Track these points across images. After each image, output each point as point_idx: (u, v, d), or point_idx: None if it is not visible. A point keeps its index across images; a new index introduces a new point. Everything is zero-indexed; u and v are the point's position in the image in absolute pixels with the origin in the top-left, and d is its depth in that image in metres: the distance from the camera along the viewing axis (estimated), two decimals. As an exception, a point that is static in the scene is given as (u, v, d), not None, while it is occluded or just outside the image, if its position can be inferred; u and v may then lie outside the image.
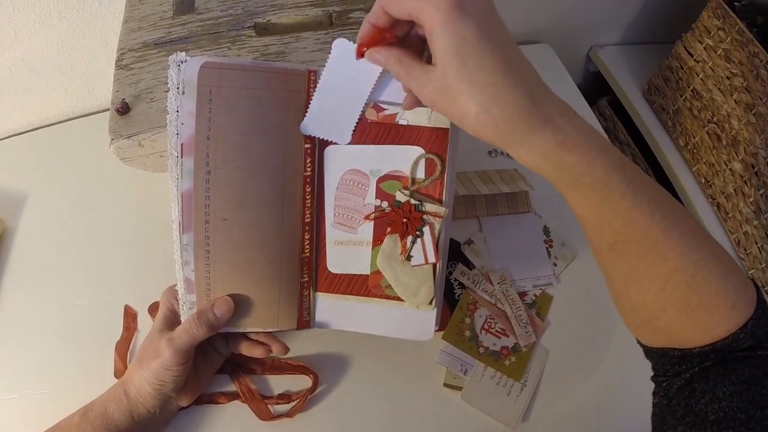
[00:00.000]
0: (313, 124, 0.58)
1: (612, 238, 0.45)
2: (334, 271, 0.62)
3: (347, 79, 0.55)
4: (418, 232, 0.58)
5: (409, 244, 0.58)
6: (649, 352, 0.49)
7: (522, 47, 0.44)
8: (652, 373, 0.51)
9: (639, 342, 0.51)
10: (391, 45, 0.47)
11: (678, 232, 0.43)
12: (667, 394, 0.46)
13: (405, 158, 0.57)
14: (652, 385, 0.61)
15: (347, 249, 0.61)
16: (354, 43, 0.50)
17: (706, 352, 0.44)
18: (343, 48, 0.53)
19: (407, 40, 0.48)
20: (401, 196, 0.58)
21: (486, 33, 0.40)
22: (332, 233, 0.61)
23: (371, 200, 0.59)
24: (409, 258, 0.58)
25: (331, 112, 0.57)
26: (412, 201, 0.57)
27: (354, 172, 0.59)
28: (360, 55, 0.49)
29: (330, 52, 0.54)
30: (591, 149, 0.42)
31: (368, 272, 0.61)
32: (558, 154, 0.41)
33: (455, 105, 0.42)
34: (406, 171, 0.58)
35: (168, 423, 0.65)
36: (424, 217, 0.57)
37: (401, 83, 0.48)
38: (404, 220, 0.58)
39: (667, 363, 0.47)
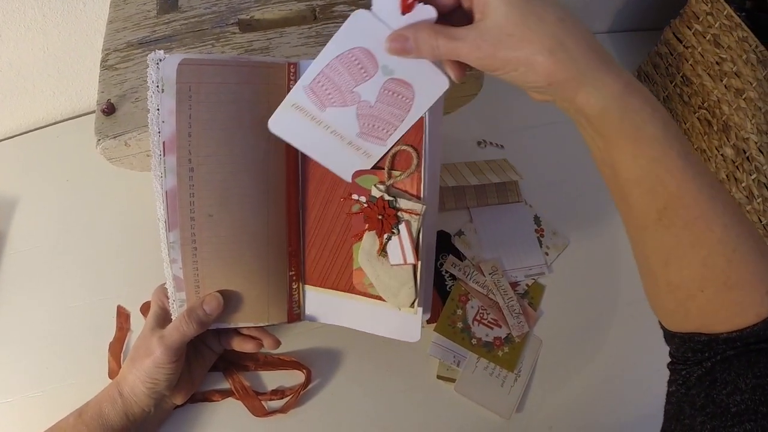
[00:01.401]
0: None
1: (664, 203, 0.42)
2: (272, 130, 0.55)
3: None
4: (393, 230, 0.55)
5: (386, 242, 0.56)
6: (672, 337, 0.47)
7: None
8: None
9: (662, 326, 0.48)
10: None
11: (722, 203, 0.41)
12: (686, 382, 0.44)
13: (423, 73, 0.49)
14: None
15: (302, 119, 0.54)
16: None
17: (732, 339, 0.42)
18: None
19: None
20: (376, 192, 0.55)
21: None
22: (298, 95, 0.53)
23: (361, 91, 0.51)
24: (388, 256, 0.56)
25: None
26: (386, 197, 0.55)
27: (366, 53, 0.49)
28: (407, 8, 0.44)
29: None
30: (651, 96, 0.41)
31: (309, 153, 0.56)
32: (626, 95, 0.40)
33: (522, 47, 0.40)
34: (414, 83, 0.50)
35: (163, 422, 0.65)
36: (399, 214, 0.55)
37: (441, 56, 0.44)
38: (379, 216, 0.55)
39: (689, 350, 0.45)
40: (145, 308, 0.72)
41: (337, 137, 0.54)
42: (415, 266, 0.56)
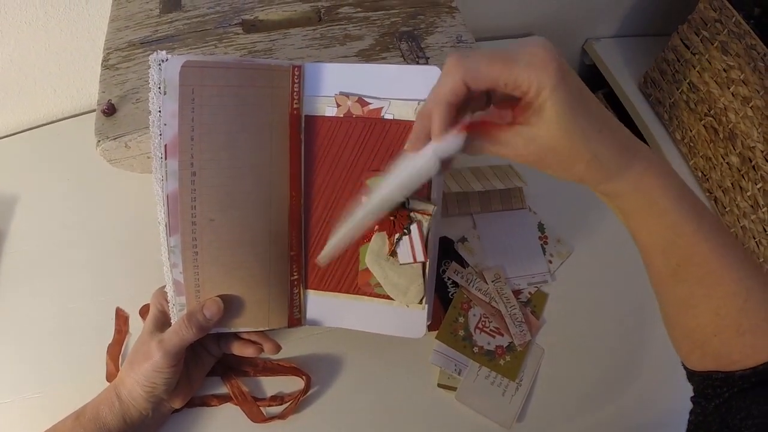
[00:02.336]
0: None
1: (677, 261, 0.47)
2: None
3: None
4: (405, 230, 0.57)
5: (396, 242, 0.57)
6: (692, 375, 0.51)
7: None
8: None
9: (684, 366, 0.52)
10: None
11: (733, 258, 0.45)
12: (704, 411, 0.47)
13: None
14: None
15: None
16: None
17: (747, 375, 0.45)
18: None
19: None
20: None
21: (582, 87, 0.44)
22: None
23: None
24: (394, 254, 0.58)
25: None
26: None
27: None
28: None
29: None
30: (665, 172, 0.45)
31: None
32: (644, 179, 0.45)
33: (564, 157, 0.44)
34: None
35: (160, 425, 0.64)
36: (411, 214, 0.57)
37: (480, 153, 0.46)
38: (391, 217, 0.57)
39: (709, 387, 0.48)
40: (144, 311, 0.71)
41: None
42: (424, 263, 0.58)
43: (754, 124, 0.88)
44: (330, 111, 0.57)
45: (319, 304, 0.62)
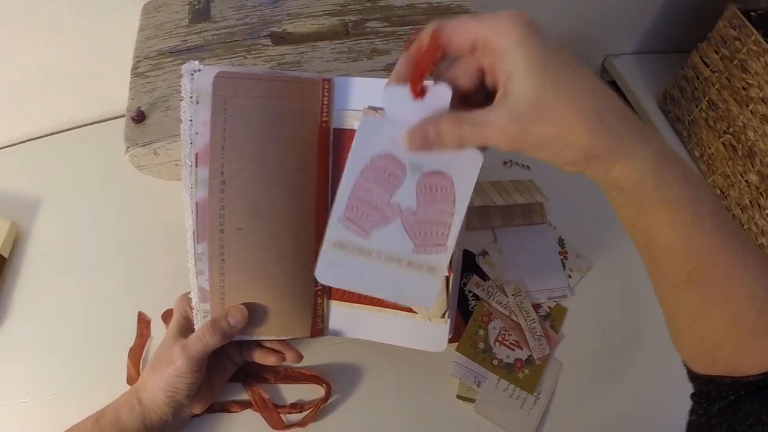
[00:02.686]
0: None
1: (696, 263, 0.42)
2: (318, 279, 0.50)
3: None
4: None
5: None
6: (696, 377, 0.47)
7: None
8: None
9: (686, 365, 0.49)
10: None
11: (752, 257, 0.42)
12: (707, 413, 0.44)
13: (453, 156, 0.46)
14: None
15: (349, 257, 0.49)
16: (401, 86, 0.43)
17: (757, 381, 0.42)
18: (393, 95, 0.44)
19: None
20: None
21: (558, 48, 0.39)
22: (336, 231, 0.48)
23: (400, 199, 0.47)
24: None
25: None
26: None
27: (389, 158, 0.46)
28: (418, 93, 0.42)
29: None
30: (681, 160, 0.40)
31: (373, 294, 0.54)
32: (661, 164, 0.39)
33: (555, 123, 0.38)
34: (448, 170, 0.46)
35: (180, 430, 0.64)
36: None
37: (467, 144, 0.42)
38: None
39: (713, 390, 0.45)
40: (166, 316, 0.72)
41: (393, 263, 0.49)
42: (447, 278, 0.57)
43: (774, 143, 0.88)
44: (358, 124, 0.57)
45: (341, 314, 0.62)
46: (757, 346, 0.42)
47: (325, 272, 0.49)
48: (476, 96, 0.44)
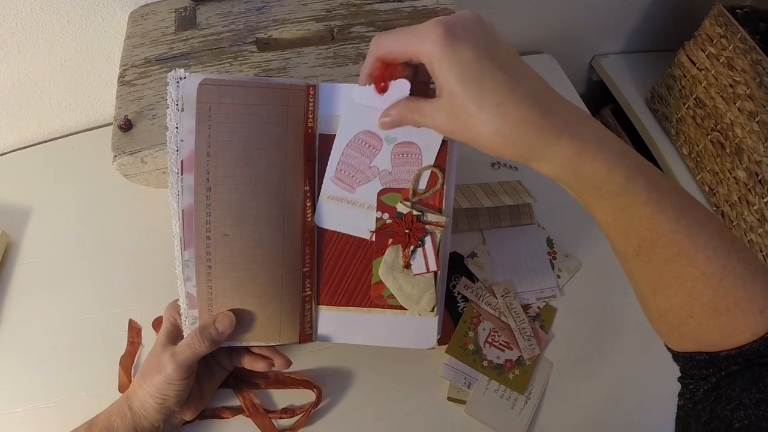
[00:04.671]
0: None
1: (638, 243, 0.45)
2: (321, 225, 0.61)
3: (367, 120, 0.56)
4: (420, 242, 0.59)
5: (411, 254, 0.59)
6: (677, 356, 0.49)
7: (525, 57, 0.45)
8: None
9: (666, 346, 0.50)
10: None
11: (704, 237, 0.43)
12: (693, 397, 0.45)
13: (410, 173, 0.58)
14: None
15: (341, 206, 0.60)
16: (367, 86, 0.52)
17: (733, 356, 0.43)
18: (361, 94, 0.54)
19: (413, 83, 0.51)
20: (402, 208, 0.58)
21: (483, 54, 0.43)
22: (329, 187, 0.59)
23: (378, 163, 0.58)
24: (410, 267, 0.60)
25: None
26: (414, 212, 0.58)
27: (369, 133, 0.57)
28: (381, 90, 0.51)
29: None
30: (611, 156, 0.42)
31: (359, 234, 0.61)
32: (577, 164, 0.42)
33: (468, 129, 0.44)
34: (407, 185, 0.58)
35: (172, 437, 0.64)
36: (426, 227, 0.59)
37: (419, 126, 0.50)
38: (406, 231, 0.59)
39: (694, 367, 0.46)
40: (156, 323, 0.72)
41: (373, 210, 0.60)
42: (436, 273, 0.60)
43: (761, 139, 0.89)
44: (343, 109, 0.57)
45: (330, 319, 0.63)
46: (720, 323, 0.43)
47: (321, 217, 0.60)
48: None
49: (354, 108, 0.56)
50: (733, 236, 0.44)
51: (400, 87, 0.51)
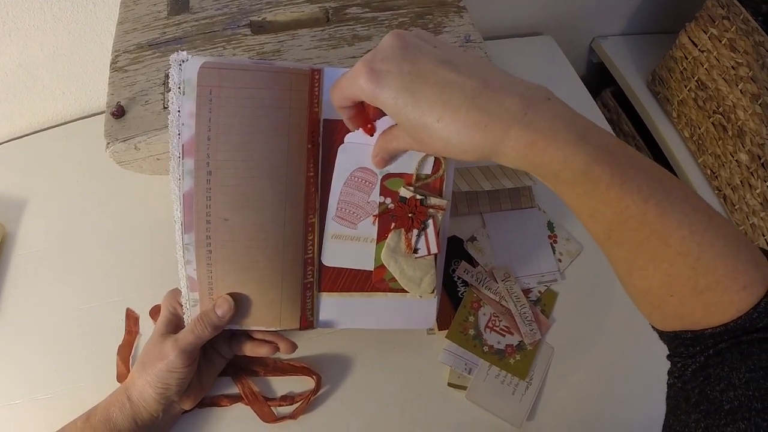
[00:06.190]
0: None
1: (607, 227, 0.44)
2: (327, 264, 0.61)
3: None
4: (422, 225, 0.59)
5: (414, 237, 0.60)
6: (662, 335, 0.48)
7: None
8: (662, 366, 0.50)
9: (651, 325, 0.50)
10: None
11: (678, 215, 0.41)
12: (682, 377, 0.45)
13: (411, 159, 0.58)
14: (659, 383, 0.60)
15: (345, 243, 0.61)
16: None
17: (719, 333, 0.42)
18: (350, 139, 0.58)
19: None
20: (406, 192, 0.59)
21: (408, 79, 0.44)
22: (331, 226, 0.60)
23: (375, 198, 0.59)
24: (416, 251, 0.60)
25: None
26: (417, 196, 0.58)
27: (363, 170, 0.59)
28: (370, 131, 0.55)
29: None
30: (566, 143, 0.41)
31: (365, 267, 0.61)
32: (530, 155, 0.42)
33: (428, 146, 0.47)
34: (410, 170, 0.59)
35: (171, 427, 0.64)
36: (429, 210, 0.59)
37: (400, 152, 0.56)
38: (410, 214, 0.59)
39: (680, 345, 0.45)
40: (154, 312, 0.72)
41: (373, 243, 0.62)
42: (436, 255, 0.61)
43: (763, 121, 0.88)
44: (339, 150, 0.58)
45: (332, 305, 0.62)
46: (702, 301, 0.42)
47: (328, 257, 0.61)
48: None
49: (346, 147, 0.58)
50: (712, 211, 0.43)
51: (386, 123, 0.54)
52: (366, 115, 0.53)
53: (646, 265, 0.44)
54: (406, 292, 0.62)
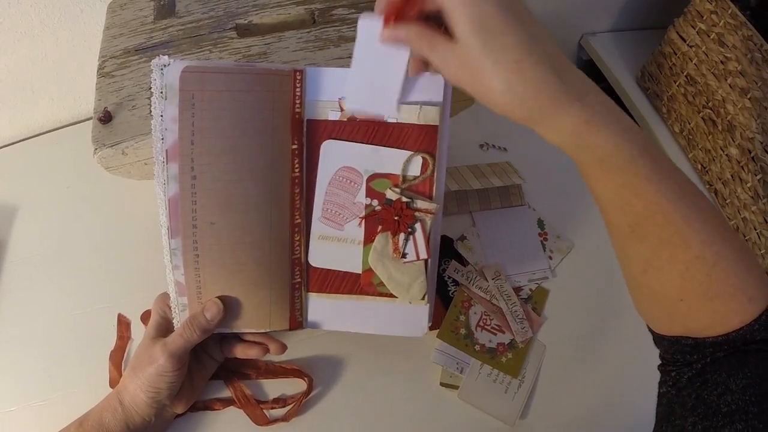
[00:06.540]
0: (356, 101, 0.57)
1: (634, 220, 0.44)
2: (314, 265, 0.61)
3: (380, 53, 0.52)
4: (409, 229, 0.58)
5: (401, 241, 0.59)
6: (661, 339, 0.49)
7: None
8: (654, 362, 0.50)
9: (650, 329, 0.50)
10: (411, 20, 0.47)
11: (701, 222, 0.43)
12: (677, 384, 0.45)
13: (399, 159, 0.58)
14: (651, 379, 0.61)
15: (332, 245, 0.60)
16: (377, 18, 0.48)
17: (719, 342, 0.43)
18: (369, 26, 0.50)
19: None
20: (392, 194, 0.58)
21: (506, 8, 0.41)
22: (318, 227, 0.60)
23: (361, 198, 0.59)
24: (404, 255, 0.59)
25: (371, 87, 0.56)
26: (404, 198, 0.58)
27: (348, 169, 0.58)
28: (389, 22, 0.48)
29: (356, 32, 0.52)
30: (618, 130, 0.42)
31: (352, 269, 0.61)
32: (583, 133, 0.42)
33: (479, 83, 0.43)
34: (397, 170, 0.58)
35: (164, 431, 0.64)
36: (416, 214, 0.58)
37: (422, 55, 0.48)
38: (396, 218, 0.58)
39: (678, 352, 0.46)
40: (145, 317, 0.72)
41: (362, 245, 0.60)
42: (426, 260, 0.59)
43: (753, 116, 0.88)
44: (333, 115, 0.57)
45: (320, 306, 0.62)
46: (711, 308, 0.44)
47: (314, 257, 0.61)
48: None
49: (329, 145, 0.57)
50: (728, 226, 0.45)
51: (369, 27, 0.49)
52: (393, 8, 0.46)
53: (662, 264, 0.45)
54: (395, 297, 0.61)
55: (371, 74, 0.55)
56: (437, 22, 0.46)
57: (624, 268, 0.50)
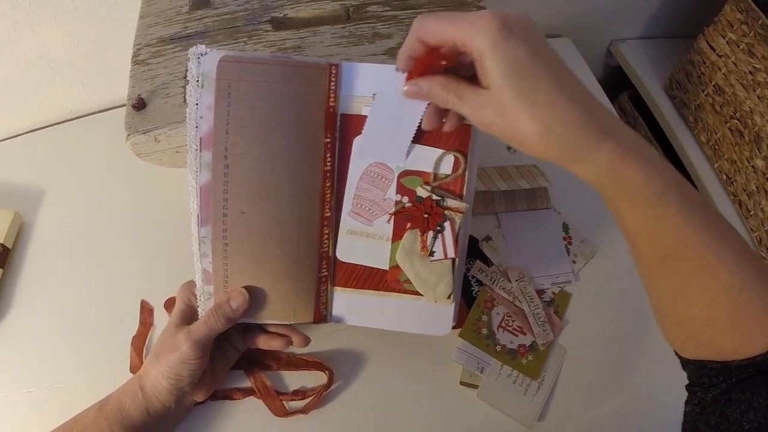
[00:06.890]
0: (367, 153, 0.58)
1: (663, 252, 0.45)
2: (342, 259, 0.61)
3: (397, 104, 0.54)
4: (438, 228, 0.59)
5: (429, 239, 0.59)
6: (687, 363, 0.49)
7: None
8: (674, 369, 0.51)
9: (677, 353, 0.51)
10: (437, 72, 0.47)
11: (728, 251, 0.43)
12: (701, 402, 0.46)
13: (431, 157, 0.58)
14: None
15: (360, 240, 0.60)
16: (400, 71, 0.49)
17: (745, 366, 0.44)
18: (389, 76, 0.52)
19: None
20: (422, 192, 0.58)
21: (536, 52, 0.41)
22: (347, 222, 0.60)
23: (392, 195, 0.59)
24: (431, 254, 0.59)
25: (384, 139, 0.57)
26: (434, 196, 0.58)
27: (380, 165, 0.59)
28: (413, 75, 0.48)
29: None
30: (649, 163, 0.42)
31: (379, 265, 0.61)
32: (619, 169, 0.42)
33: (514, 127, 0.43)
34: (428, 168, 0.58)
35: (183, 418, 0.65)
36: (446, 212, 0.58)
37: (449, 107, 0.48)
38: (425, 215, 0.58)
39: (704, 375, 0.47)
40: (169, 304, 0.72)
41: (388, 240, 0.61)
42: (453, 260, 0.59)
43: (781, 127, 0.87)
44: (367, 110, 0.57)
45: (345, 301, 0.62)
46: (737, 333, 0.44)
47: (343, 252, 0.61)
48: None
49: (363, 140, 0.57)
50: (753, 251, 0.45)
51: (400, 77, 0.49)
52: (425, 58, 0.46)
53: (691, 295, 0.45)
54: (421, 295, 0.61)
55: (386, 126, 0.57)
56: (453, 71, 0.47)
57: (652, 298, 0.50)
